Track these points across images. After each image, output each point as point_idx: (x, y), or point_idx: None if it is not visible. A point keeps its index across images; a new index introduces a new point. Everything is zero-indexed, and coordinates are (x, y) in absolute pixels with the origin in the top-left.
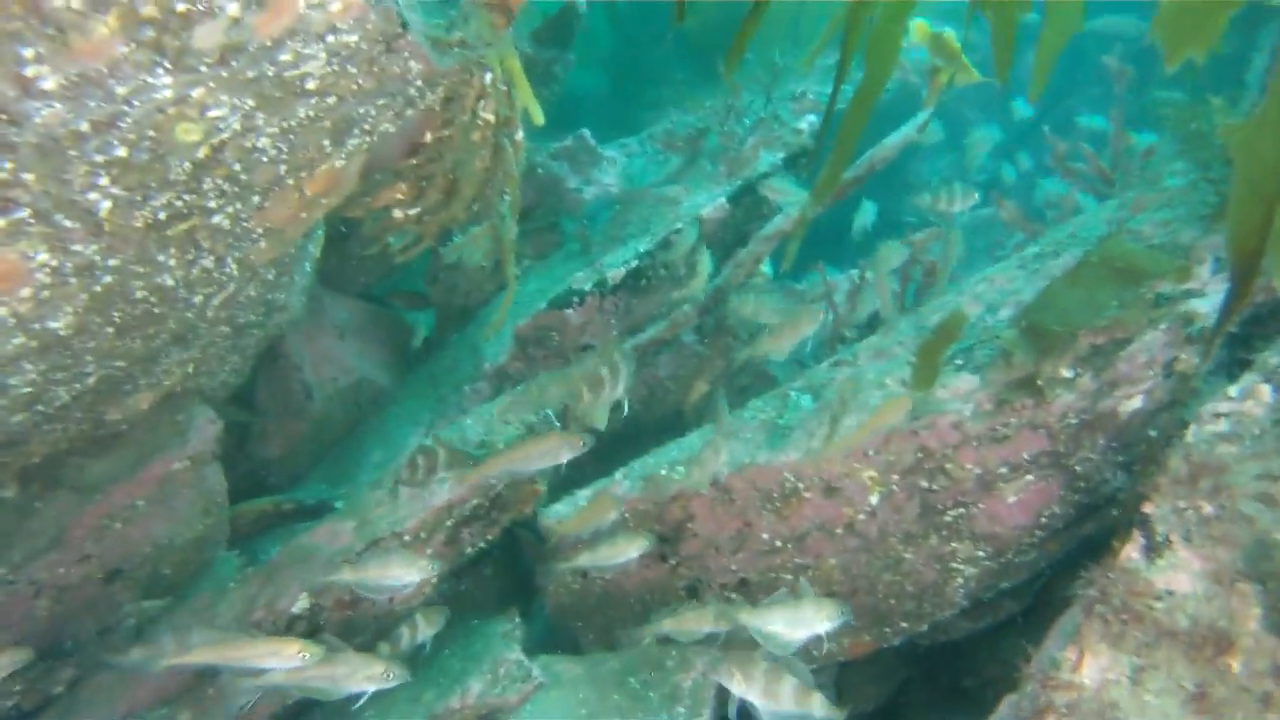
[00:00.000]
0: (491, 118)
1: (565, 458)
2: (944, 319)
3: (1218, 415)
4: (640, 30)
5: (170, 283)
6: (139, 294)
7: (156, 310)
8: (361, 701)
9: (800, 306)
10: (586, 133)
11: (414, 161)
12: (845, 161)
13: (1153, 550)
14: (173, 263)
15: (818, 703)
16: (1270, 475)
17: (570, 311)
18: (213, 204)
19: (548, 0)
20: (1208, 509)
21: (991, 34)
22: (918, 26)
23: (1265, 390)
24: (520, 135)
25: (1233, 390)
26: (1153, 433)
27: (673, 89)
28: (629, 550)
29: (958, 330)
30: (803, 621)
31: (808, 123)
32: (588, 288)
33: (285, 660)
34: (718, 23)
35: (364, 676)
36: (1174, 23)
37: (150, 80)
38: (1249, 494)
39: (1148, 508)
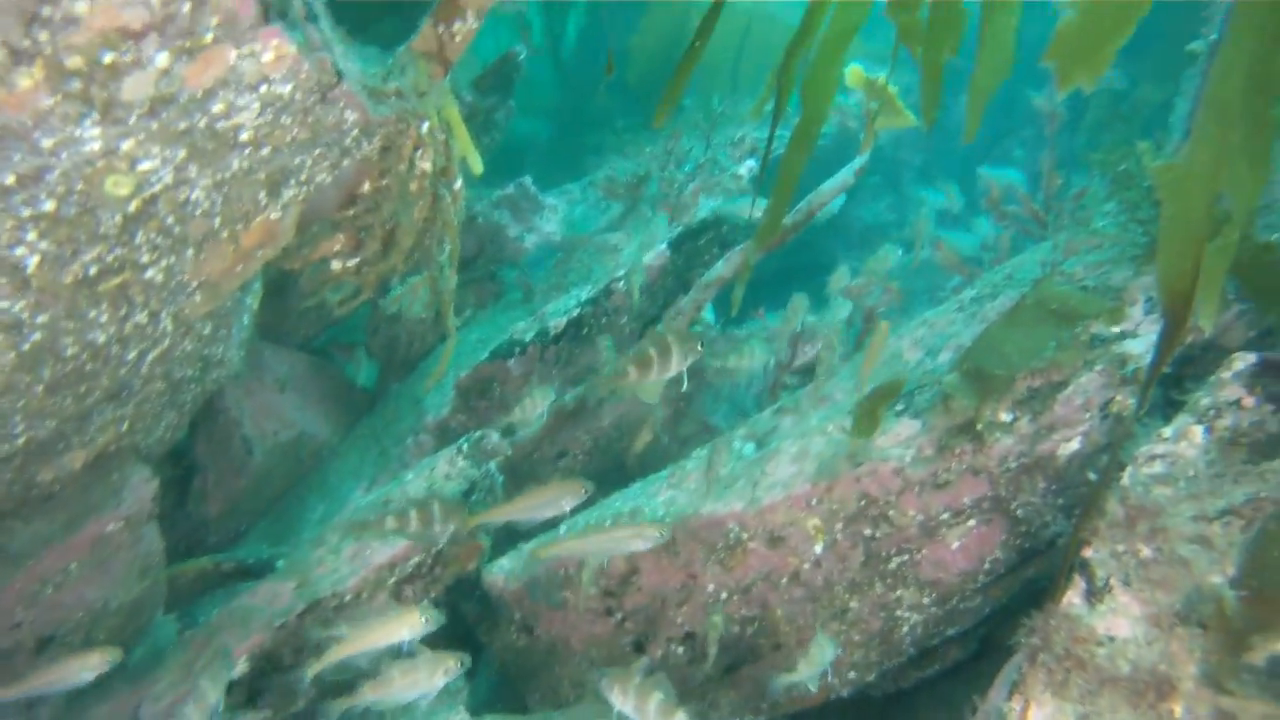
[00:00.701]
0: (429, 167)
1: (568, 506)
2: (880, 385)
3: (1153, 457)
4: (583, 78)
5: (102, 339)
6: (70, 351)
7: (88, 367)
8: None
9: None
10: (528, 180)
11: (351, 212)
12: (785, 204)
13: (1093, 595)
14: (104, 319)
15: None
16: (1205, 517)
17: (511, 362)
18: (145, 258)
19: (489, 47)
20: (1146, 552)
21: (920, 76)
22: (853, 71)
23: (1198, 431)
24: (459, 184)
25: (1166, 431)
26: (1091, 475)
27: (614, 135)
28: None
29: (894, 392)
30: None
31: (747, 168)
32: (529, 338)
33: (416, 629)
34: (657, 70)
35: (441, 671)
36: (1067, 49)
37: (78, 132)
38: (1185, 536)
39: (1087, 551)
